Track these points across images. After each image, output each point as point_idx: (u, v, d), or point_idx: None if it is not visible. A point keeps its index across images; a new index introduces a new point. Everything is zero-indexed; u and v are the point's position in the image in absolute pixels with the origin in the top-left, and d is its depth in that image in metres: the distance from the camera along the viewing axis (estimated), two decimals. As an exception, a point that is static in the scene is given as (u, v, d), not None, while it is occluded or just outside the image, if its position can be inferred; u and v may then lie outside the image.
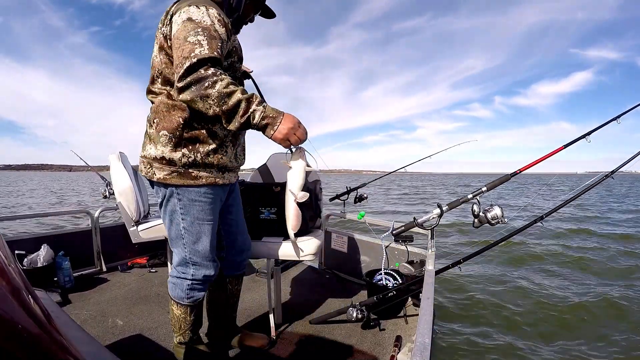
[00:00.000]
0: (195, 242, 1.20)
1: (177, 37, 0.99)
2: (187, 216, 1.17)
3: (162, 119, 1.11)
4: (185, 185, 1.13)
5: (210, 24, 1.00)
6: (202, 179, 1.14)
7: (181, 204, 1.16)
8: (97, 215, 2.53)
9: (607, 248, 5.50)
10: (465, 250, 5.37)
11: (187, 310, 1.29)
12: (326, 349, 1.59)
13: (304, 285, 2.40)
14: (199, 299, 1.31)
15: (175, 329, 1.33)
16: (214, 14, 1.03)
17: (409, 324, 1.78)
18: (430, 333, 0.77)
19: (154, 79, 1.15)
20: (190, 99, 0.96)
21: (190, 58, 0.93)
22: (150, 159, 1.14)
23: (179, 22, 1.00)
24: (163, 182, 1.13)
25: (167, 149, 1.10)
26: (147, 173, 1.15)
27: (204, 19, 1.00)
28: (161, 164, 1.12)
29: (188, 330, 1.33)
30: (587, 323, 2.87)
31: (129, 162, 2.34)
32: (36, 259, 2.11)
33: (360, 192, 2.80)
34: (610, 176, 1.62)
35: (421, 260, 2.01)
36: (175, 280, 1.27)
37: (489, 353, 2.42)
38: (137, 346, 1.57)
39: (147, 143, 1.16)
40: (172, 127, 1.10)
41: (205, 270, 1.25)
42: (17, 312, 0.38)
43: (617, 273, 4.26)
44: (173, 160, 1.11)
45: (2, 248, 0.52)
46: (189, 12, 1.01)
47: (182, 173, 1.12)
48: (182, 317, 1.30)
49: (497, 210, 1.45)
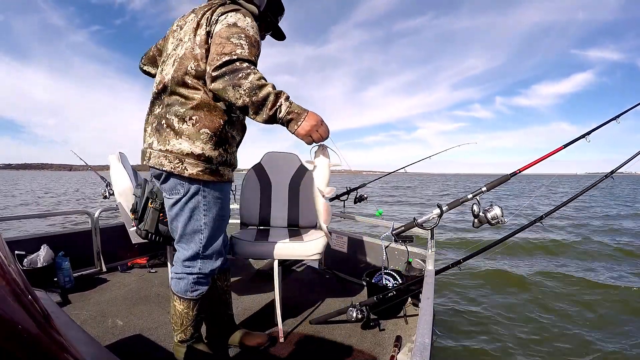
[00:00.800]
0: (213, 236, 1.26)
1: (220, 36, 1.06)
2: (210, 212, 1.23)
3: (204, 117, 1.14)
4: (214, 181, 1.19)
5: (253, 34, 1.10)
6: (225, 177, 1.24)
7: (205, 201, 1.21)
8: (97, 215, 2.52)
9: (611, 253, 5.51)
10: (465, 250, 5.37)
11: (190, 304, 1.31)
12: (326, 349, 1.59)
13: (304, 285, 2.40)
14: (202, 293, 1.32)
15: (177, 326, 1.34)
16: (256, 27, 1.13)
17: (409, 324, 1.78)
18: (430, 333, 0.77)
19: (186, 72, 1.14)
20: (222, 88, 1.00)
21: (230, 54, 1.00)
22: (183, 155, 1.13)
23: (224, 23, 1.09)
24: (195, 178, 1.15)
25: (207, 147, 1.15)
26: (176, 168, 1.13)
27: (248, 29, 1.10)
28: (197, 160, 1.14)
29: (190, 327, 1.34)
30: (588, 323, 2.87)
31: (128, 163, 2.34)
32: (36, 260, 2.10)
33: (360, 192, 2.80)
34: (610, 176, 1.63)
35: (421, 260, 2.01)
36: (180, 276, 1.28)
37: (489, 353, 2.42)
38: (137, 346, 1.57)
39: (176, 138, 1.13)
40: (215, 126, 1.15)
41: (213, 264, 1.30)
42: (17, 312, 0.38)
43: (622, 274, 4.26)
44: (211, 158, 1.16)
45: (2, 248, 0.52)
46: (235, 17, 1.11)
47: (214, 170, 1.18)
48: (185, 312, 1.31)
49: (497, 210, 1.46)
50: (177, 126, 1.13)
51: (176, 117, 1.14)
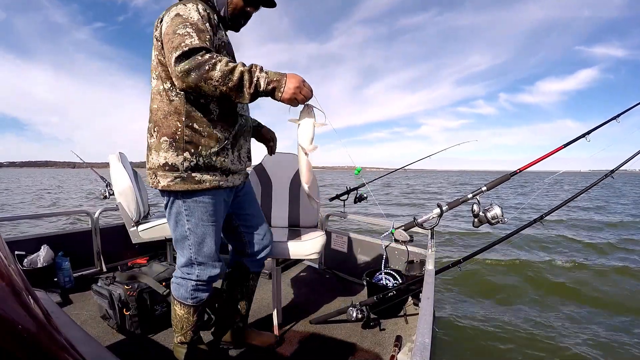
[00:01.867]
0: (200, 242, 1.22)
1: (167, 33, 1.01)
2: (192, 217, 1.19)
3: (161, 125, 1.12)
4: (190, 190, 1.14)
5: (197, 19, 1.03)
6: (206, 183, 1.15)
7: (185, 206, 1.17)
8: (97, 215, 2.52)
9: (613, 251, 5.51)
10: (465, 250, 5.38)
11: (190, 310, 1.30)
12: (326, 348, 1.59)
13: (304, 285, 2.40)
14: (202, 300, 1.31)
15: (177, 328, 1.33)
16: (199, 10, 1.06)
17: (409, 324, 1.78)
18: (430, 333, 0.77)
19: (151, 82, 1.16)
20: (194, 85, 0.96)
21: (182, 47, 0.95)
22: (155, 168, 1.15)
23: (168, 20, 1.04)
24: (167, 190, 1.14)
25: (169, 154, 1.11)
26: (153, 183, 1.16)
27: (191, 15, 1.04)
28: (164, 171, 1.13)
29: (190, 331, 1.33)
30: (589, 324, 2.87)
31: (128, 162, 2.34)
32: (36, 260, 2.10)
33: (360, 192, 2.80)
34: (610, 175, 1.63)
35: (421, 260, 2.01)
36: (179, 281, 1.28)
37: (490, 353, 2.42)
38: (137, 346, 1.57)
39: (149, 154, 1.16)
40: (171, 131, 1.11)
41: (210, 271, 1.27)
42: (17, 313, 0.38)
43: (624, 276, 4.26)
44: (176, 165, 1.11)
45: (2, 248, 0.52)
46: (176, 9, 1.06)
47: (185, 178, 1.13)
48: (185, 317, 1.30)
49: (497, 210, 1.46)
50: (148, 142, 1.17)
51: (147, 134, 1.18)
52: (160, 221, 2.13)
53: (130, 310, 1.62)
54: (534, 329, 2.74)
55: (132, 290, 1.64)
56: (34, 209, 11.17)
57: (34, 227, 6.85)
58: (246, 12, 1.24)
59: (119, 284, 1.69)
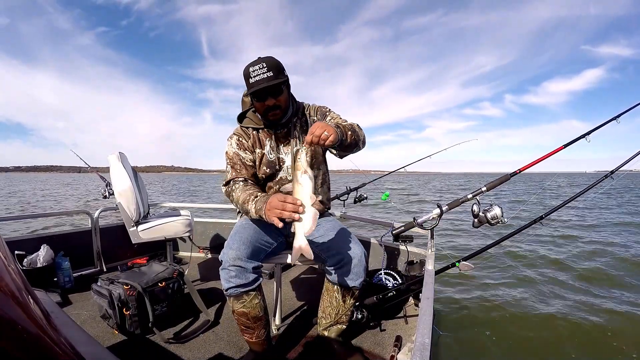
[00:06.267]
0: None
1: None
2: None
3: None
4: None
5: (232, 154, 1.43)
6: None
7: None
8: (97, 215, 2.52)
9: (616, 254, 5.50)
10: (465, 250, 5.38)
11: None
12: (326, 348, 1.59)
13: (304, 285, 2.40)
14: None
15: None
16: (233, 145, 1.44)
17: (409, 324, 1.78)
18: (430, 333, 0.77)
19: None
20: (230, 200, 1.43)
21: (223, 179, 1.44)
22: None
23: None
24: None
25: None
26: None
27: (228, 150, 1.45)
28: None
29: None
30: (590, 323, 2.87)
31: (128, 163, 2.33)
32: (36, 260, 2.10)
33: (360, 192, 2.80)
34: (610, 176, 1.63)
35: (421, 261, 2.01)
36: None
37: (490, 353, 2.42)
38: (137, 346, 1.57)
39: None
40: None
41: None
42: (17, 312, 0.38)
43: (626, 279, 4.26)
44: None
45: (2, 248, 0.52)
46: (226, 145, 1.48)
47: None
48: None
49: (497, 210, 1.46)
50: None
51: None
52: (160, 221, 2.13)
53: (130, 310, 1.62)
54: (534, 329, 2.74)
55: (132, 290, 1.64)
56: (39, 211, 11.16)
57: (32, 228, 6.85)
58: (264, 106, 1.33)
59: (119, 283, 1.69)
